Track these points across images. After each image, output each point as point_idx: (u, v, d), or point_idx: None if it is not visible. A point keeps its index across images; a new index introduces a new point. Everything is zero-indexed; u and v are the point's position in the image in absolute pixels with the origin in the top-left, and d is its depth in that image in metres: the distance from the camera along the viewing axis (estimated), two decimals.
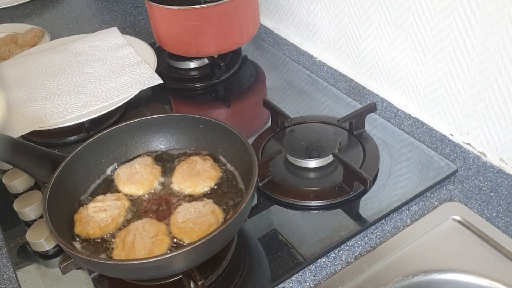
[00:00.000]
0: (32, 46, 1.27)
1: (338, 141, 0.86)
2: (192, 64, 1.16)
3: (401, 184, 0.83)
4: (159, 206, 0.77)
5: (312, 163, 0.85)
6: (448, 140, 0.91)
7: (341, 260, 0.73)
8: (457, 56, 0.85)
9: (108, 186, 0.80)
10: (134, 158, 0.84)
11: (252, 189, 0.68)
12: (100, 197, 0.77)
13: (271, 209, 0.82)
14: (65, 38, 1.23)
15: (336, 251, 0.75)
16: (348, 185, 0.81)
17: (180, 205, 0.75)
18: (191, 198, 0.77)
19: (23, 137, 0.94)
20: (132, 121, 0.84)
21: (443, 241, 0.73)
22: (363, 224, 0.77)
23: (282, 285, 0.71)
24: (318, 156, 0.85)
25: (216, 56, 1.13)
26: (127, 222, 0.74)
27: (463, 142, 0.90)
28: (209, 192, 0.78)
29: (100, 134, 0.81)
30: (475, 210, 0.78)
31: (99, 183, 0.81)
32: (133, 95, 1.01)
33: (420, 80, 0.95)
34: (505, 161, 0.85)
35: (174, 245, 0.70)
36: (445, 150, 0.89)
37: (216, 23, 1.06)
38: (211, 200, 0.76)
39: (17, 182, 0.87)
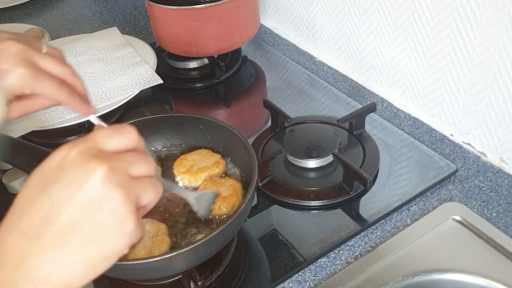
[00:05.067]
0: None
1: (338, 141, 0.86)
2: (192, 64, 1.16)
3: (401, 184, 0.83)
4: (159, 206, 0.77)
5: (312, 163, 0.85)
6: (448, 140, 0.91)
7: (341, 260, 0.73)
8: (457, 56, 0.85)
9: None
10: None
11: (252, 189, 0.68)
12: None
13: (271, 209, 0.82)
14: (65, 38, 1.23)
15: (336, 251, 0.75)
16: (348, 185, 0.81)
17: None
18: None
19: (23, 137, 0.94)
20: (132, 121, 0.83)
21: (443, 241, 0.73)
22: (363, 224, 0.77)
23: (282, 285, 0.71)
24: (318, 156, 0.84)
25: (216, 56, 1.13)
26: None
27: (463, 142, 0.90)
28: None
29: None
30: (475, 210, 0.78)
31: None
32: (133, 95, 1.01)
33: (420, 80, 0.95)
34: (505, 161, 0.85)
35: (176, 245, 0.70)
36: (445, 150, 0.89)
37: (216, 23, 1.06)
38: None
39: (17, 182, 0.87)
